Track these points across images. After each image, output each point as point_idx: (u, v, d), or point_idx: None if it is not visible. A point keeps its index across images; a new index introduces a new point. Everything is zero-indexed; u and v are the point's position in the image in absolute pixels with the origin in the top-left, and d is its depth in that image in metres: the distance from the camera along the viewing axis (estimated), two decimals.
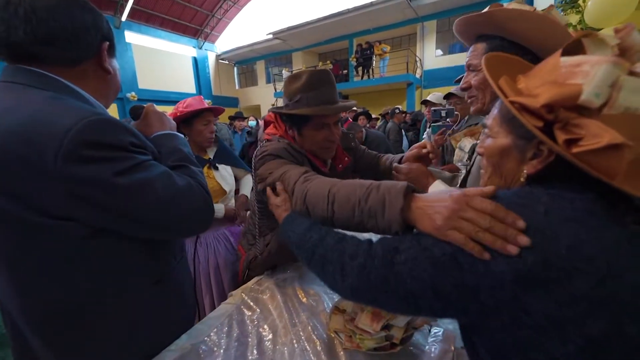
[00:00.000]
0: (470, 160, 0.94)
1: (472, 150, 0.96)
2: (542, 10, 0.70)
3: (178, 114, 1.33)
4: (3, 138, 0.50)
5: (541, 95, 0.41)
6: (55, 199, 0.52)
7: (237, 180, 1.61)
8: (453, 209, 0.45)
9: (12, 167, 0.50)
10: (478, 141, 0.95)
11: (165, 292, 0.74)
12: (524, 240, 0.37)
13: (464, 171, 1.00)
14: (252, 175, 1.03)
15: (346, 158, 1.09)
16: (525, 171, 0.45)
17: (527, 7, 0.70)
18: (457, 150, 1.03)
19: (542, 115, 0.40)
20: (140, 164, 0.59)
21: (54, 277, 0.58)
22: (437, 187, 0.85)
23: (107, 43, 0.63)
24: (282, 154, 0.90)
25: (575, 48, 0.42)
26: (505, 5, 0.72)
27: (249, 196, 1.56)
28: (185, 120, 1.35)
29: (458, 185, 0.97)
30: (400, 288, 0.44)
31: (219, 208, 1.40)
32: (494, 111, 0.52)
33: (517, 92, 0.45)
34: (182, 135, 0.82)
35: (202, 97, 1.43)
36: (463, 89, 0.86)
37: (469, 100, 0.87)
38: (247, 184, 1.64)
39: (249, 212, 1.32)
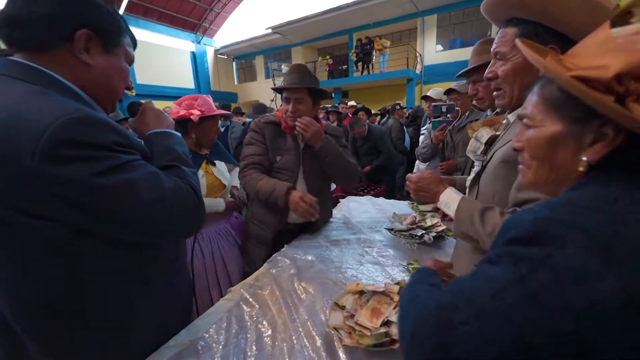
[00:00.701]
0: (486, 155, 0.87)
1: (490, 142, 0.89)
2: None
3: (194, 114, 1.31)
4: None
5: (611, 65, 0.35)
6: (34, 199, 0.50)
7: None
8: (297, 200, 1.17)
9: None
10: (497, 132, 0.87)
11: (156, 295, 0.72)
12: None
13: (477, 164, 0.94)
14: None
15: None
16: (584, 159, 0.39)
17: None
18: (472, 140, 0.95)
19: (614, 88, 0.34)
20: (124, 165, 0.56)
21: (39, 277, 0.56)
22: (449, 195, 0.82)
23: (86, 32, 0.59)
24: (253, 127, 1.39)
25: (622, 20, 0.37)
26: None
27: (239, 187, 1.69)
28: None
29: (470, 180, 0.91)
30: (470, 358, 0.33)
31: (219, 202, 1.40)
32: (533, 98, 0.46)
33: (568, 70, 0.38)
34: (179, 134, 0.80)
35: (210, 96, 1.46)
36: (488, 79, 0.78)
37: (494, 94, 0.79)
38: (234, 177, 1.70)
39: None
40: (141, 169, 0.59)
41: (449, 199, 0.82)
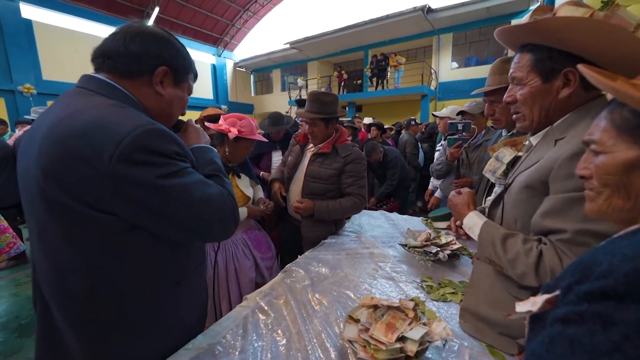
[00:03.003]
0: (506, 177, 0.87)
1: (512, 163, 0.89)
2: (606, 9, 0.61)
3: (231, 131, 1.40)
4: (67, 135, 0.57)
5: None
6: (102, 193, 0.58)
7: None
8: (273, 191, 1.73)
9: (68, 161, 0.56)
10: (520, 153, 0.88)
11: (183, 294, 0.77)
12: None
13: (498, 185, 0.94)
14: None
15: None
16: None
17: (582, 11, 0.60)
18: (491, 160, 0.94)
19: None
20: (181, 170, 0.65)
21: (91, 265, 0.63)
22: (471, 219, 0.85)
23: (165, 69, 0.71)
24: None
25: None
26: (556, 7, 0.63)
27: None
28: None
29: (490, 202, 0.90)
30: None
31: (242, 211, 1.46)
32: (601, 123, 0.44)
33: None
34: (216, 150, 0.89)
35: (255, 120, 1.57)
36: (507, 103, 0.80)
37: (514, 117, 0.80)
38: (259, 193, 1.77)
39: None
40: (193, 176, 0.68)
41: (472, 222, 0.84)
